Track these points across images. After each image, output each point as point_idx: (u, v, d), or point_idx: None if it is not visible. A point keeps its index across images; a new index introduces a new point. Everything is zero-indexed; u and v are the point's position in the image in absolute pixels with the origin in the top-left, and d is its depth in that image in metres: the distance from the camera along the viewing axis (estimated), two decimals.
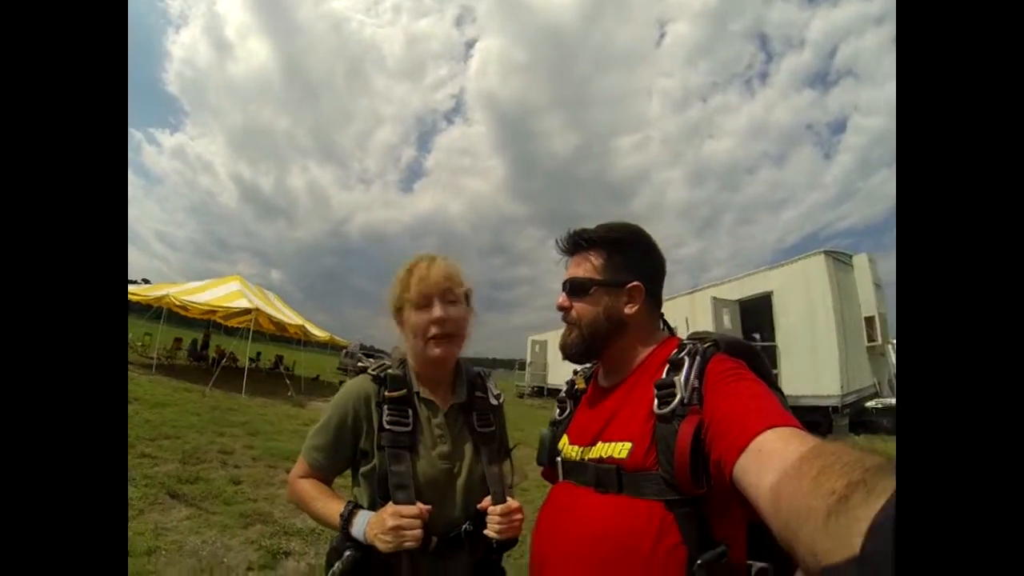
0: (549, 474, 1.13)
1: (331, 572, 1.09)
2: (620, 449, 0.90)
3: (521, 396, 25.13)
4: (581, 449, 1.00)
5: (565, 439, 1.09)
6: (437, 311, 1.19)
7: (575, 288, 1.07)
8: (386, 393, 1.19)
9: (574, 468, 1.00)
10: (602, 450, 0.94)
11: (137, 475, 4.35)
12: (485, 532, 1.13)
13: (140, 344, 16.82)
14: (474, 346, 1.34)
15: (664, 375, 0.89)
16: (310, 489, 1.21)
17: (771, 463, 0.62)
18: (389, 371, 1.24)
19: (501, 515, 1.13)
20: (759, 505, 0.62)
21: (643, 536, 0.81)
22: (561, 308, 1.09)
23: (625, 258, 1.06)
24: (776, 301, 11.99)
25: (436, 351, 1.20)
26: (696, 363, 0.87)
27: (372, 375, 1.24)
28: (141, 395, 8.62)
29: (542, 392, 24.70)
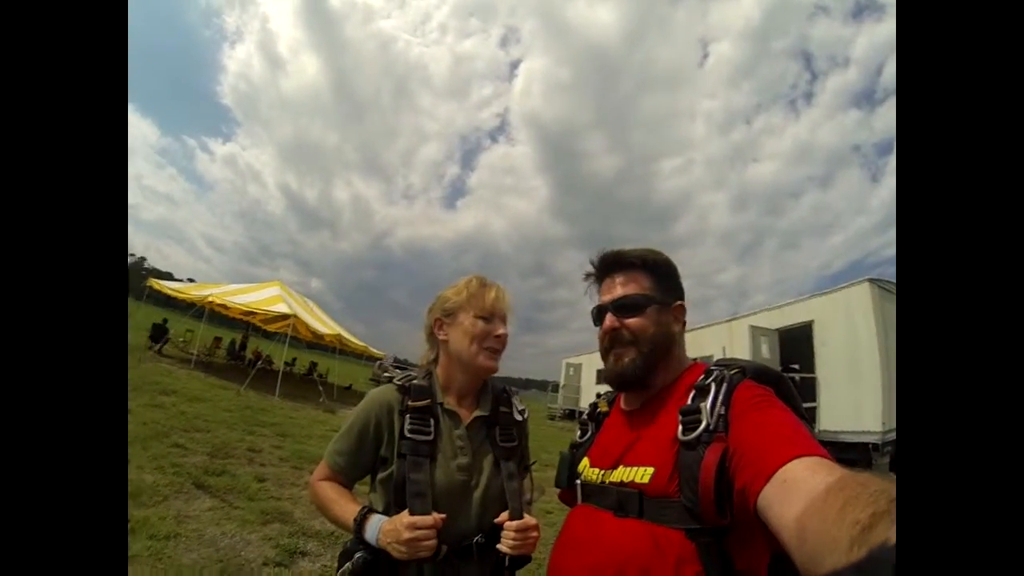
0: (567, 496, 1.13)
1: (341, 572, 1.09)
2: (642, 474, 0.88)
3: (552, 418, 24.92)
4: (602, 472, 0.99)
5: (586, 461, 1.07)
6: (502, 328, 1.27)
7: (629, 306, 1.04)
8: (409, 402, 1.20)
9: (595, 491, 0.99)
10: (624, 474, 0.92)
11: (166, 464, 4.47)
12: (498, 547, 1.12)
13: (181, 340, 17.44)
14: (510, 365, 1.39)
15: (689, 401, 0.88)
16: (329, 491, 1.22)
17: (797, 494, 0.60)
18: (414, 381, 1.25)
19: (517, 531, 1.12)
20: (783, 537, 0.60)
21: (663, 564, 0.79)
22: (610, 330, 1.05)
23: (668, 280, 1.07)
24: (817, 331, 11.56)
25: (489, 362, 1.25)
26: (723, 390, 0.85)
27: (397, 385, 1.26)
28: (179, 388, 8.92)
29: (573, 415, 24.35)
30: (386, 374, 1.32)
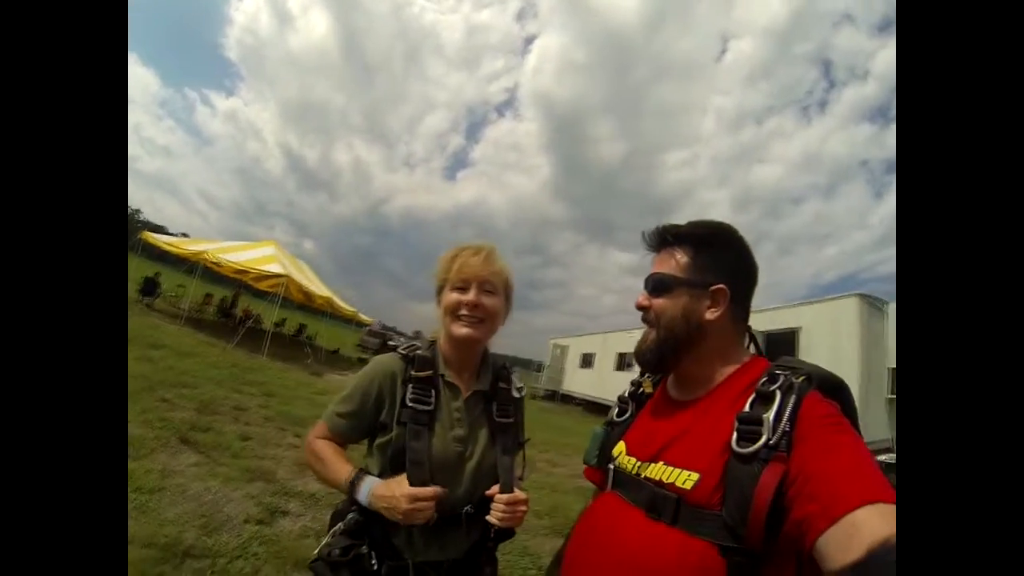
0: (594, 475, 1.09)
1: (332, 531, 1.16)
2: (685, 479, 0.81)
3: (533, 397, 25.12)
4: (638, 463, 0.93)
5: (621, 446, 1.02)
6: (471, 295, 1.24)
7: (657, 285, 0.99)
8: (413, 372, 1.23)
9: (627, 482, 0.94)
10: (663, 472, 0.86)
11: (153, 417, 4.55)
12: (487, 518, 1.16)
13: (172, 295, 17.39)
14: (495, 341, 1.37)
15: (749, 407, 0.80)
16: (326, 450, 1.25)
17: (861, 542, 0.56)
18: (418, 352, 1.28)
19: (506, 504, 1.16)
20: None
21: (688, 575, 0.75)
22: (640, 307, 1.02)
23: (712, 258, 0.98)
24: (803, 339, 11.72)
25: (462, 330, 1.24)
26: (790, 403, 0.76)
27: (402, 354, 1.28)
28: (169, 343, 8.96)
29: (555, 396, 24.70)
30: (391, 342, 1.36)
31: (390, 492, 1.10)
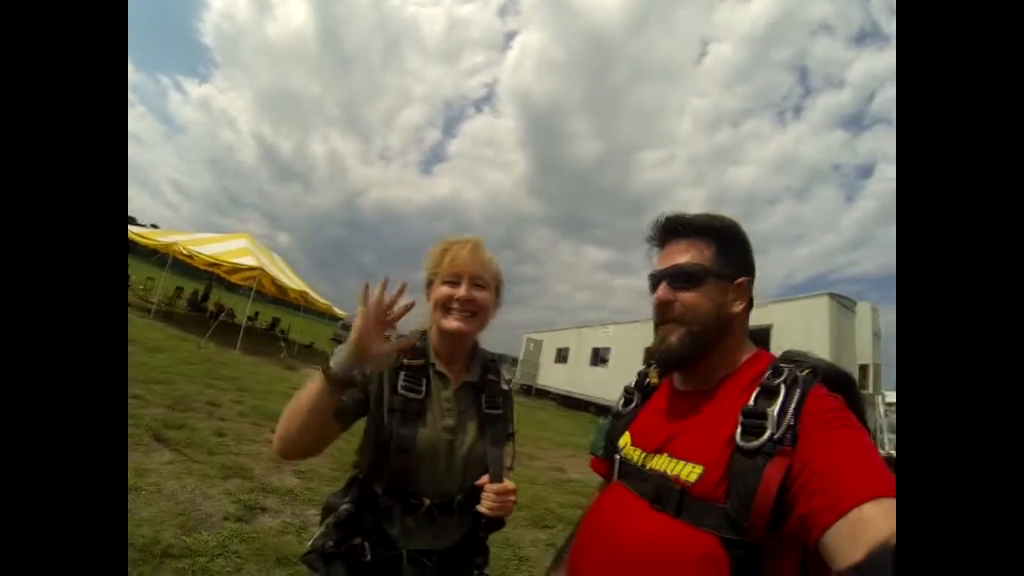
0: (600, 466, 1.11)
1: (325, 523, 1.16)
2: (690, 472, 0.82)
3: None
4: (643, 454, 0.94)
5: (627, 437, 1.02)
6: (463, 290, 1.24)
7: (683, 277, 0.94)
8: (405, 360, 1.23)
9: (633, 473, 0.94)
10: (668, 465, 0.86)
11: None
12: (477, 508, 1.17)
13: (142, 288, 16.95)
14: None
15: (753, 401, 0.80)
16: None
17: (867, 537, 0.56)
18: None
19: (496, 493, 1.17)
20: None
21: (692, 569, 0.75)
22: (662, 302, 0.96)
23: (733, 251, 0.96)
24: (774, 335, 11.99)
25: (453, 324, 1.24)
26: (795, 397, 0.76)
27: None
28: (137, 338, 8.74)
29: (530, 391, 24.77)
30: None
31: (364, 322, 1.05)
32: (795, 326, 11.56)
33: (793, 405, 0.75)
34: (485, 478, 1.21)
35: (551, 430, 10.87)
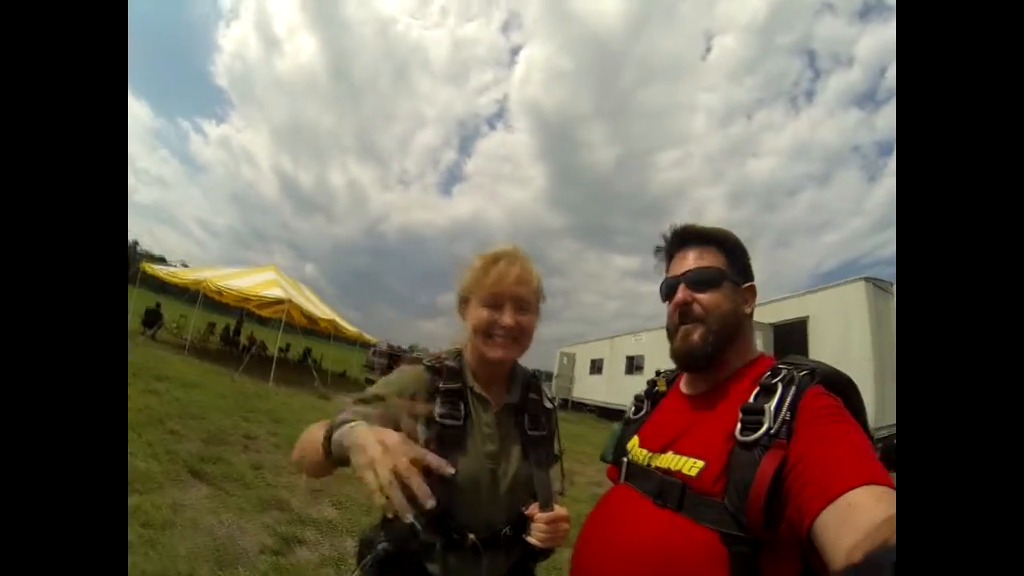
0: (613, 472, 1.11)
1: (362, 564, 1.04)
2: (691, 466, 0.85)
3: None
4: (649, 455, 0.97)
5: (635, 440, 1.06)
6: (507, 318, 1.12)
7: (702, 279, 0.99)
8: (441, 384, 1.13)
9: (638, 473, 0.97)
10: (671, 461, 0.89)
11: (161, 451, 4.44)
12: (527, 538, 1.07)
13: (175, 326, 17.36)
14: None
15: (752, 399, 0.83)
16: (311, 428, 1.02)
17: (856, 522, 0.57)
18: (446, 362, 1.18)
19: (547, 523, 1.07)
20: (833, 564, 0.58)
21: (690, 564, 0.77)
22: (682, 304, 0.99)
23: (739, 259, 1.03)
24: (812, 327, 11.63)
25: (497, 352, 1.13)
26: (791, 393, 0.79)
27: (427, 365, 1.17)
28: (172, 374, 8.88)
29: (566, 404, 24.44)
30: (415, 354, 1.24)
31: (386, 438, 0.77)
32: (832, 315, 11.21)
33: (789, 401, 0.78)
34: (534, 507, 1.10)
35: (589, 444, 10.67)
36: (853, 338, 10.42)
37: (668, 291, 1.05)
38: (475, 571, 1.06)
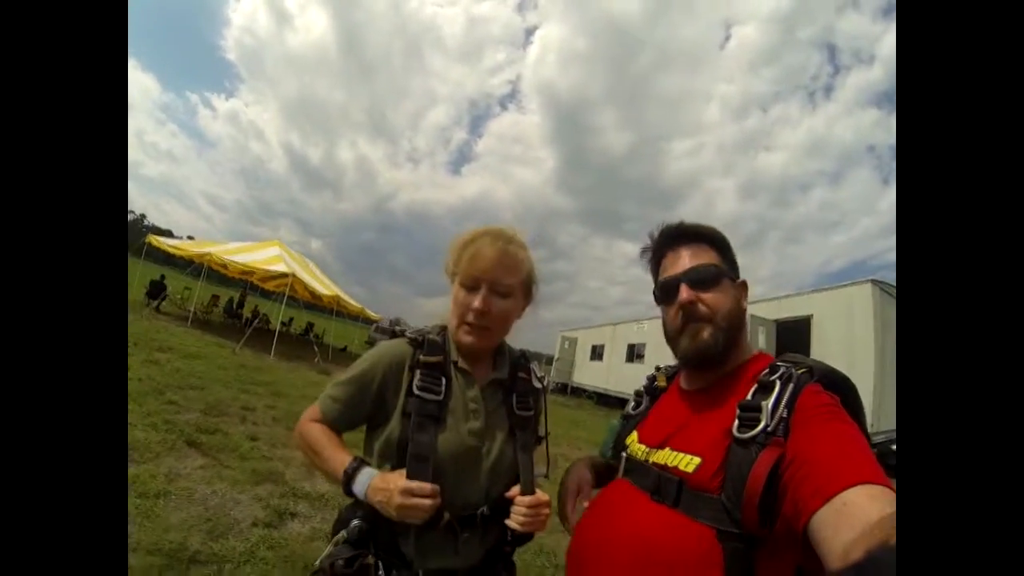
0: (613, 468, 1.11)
1: (335, 540, 1.03)
2: (688, 462, 0.85)
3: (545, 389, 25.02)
4: (648, 450, 0.97)
5: (634, 436, 1.05)
6: (478, 301, 1.08)
7: (703, 278, 0.97)
8: (421, 357, 1.11)
9: (636, 468, 0.97)
10: (669, 457, 0.89)
11: (159, 420, 4.47)
12: (507, 522, 1.05)
13: (179, 297, 17.45)
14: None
15: (750, 396, 0.83)
16: (320, 436, 1.11)
17: (852, 520, 0.57)
18: (428, 336, 1.15)
19: (528, 507, 1.04)
20: (829, 563, 0.58)
21: (685, 560, 0.76)
22: (687, 304, 0.96)
23: (729, 256, 1.04)
24: (815, 326, 11.57)
25: (467, 339, 1.12)
26: (788, 391, 0.79)
27: (409, 338, 1.15)
28: (175, 345, 8.95)
29: (565, 389, 24.52)
30: (397, 327, 1.22)
31: (386, 484, 0.97)
32: (837, 315, 11.12)
33: (786, 398, 0.78)
34: (515, 489, 1.08)
35: (587, 429, 10.71)
36: (856, 340, 10.36)
37: (667, 292, 1.01)
38: (449, 550, 1.04)
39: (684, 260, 1.00)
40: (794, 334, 11.90)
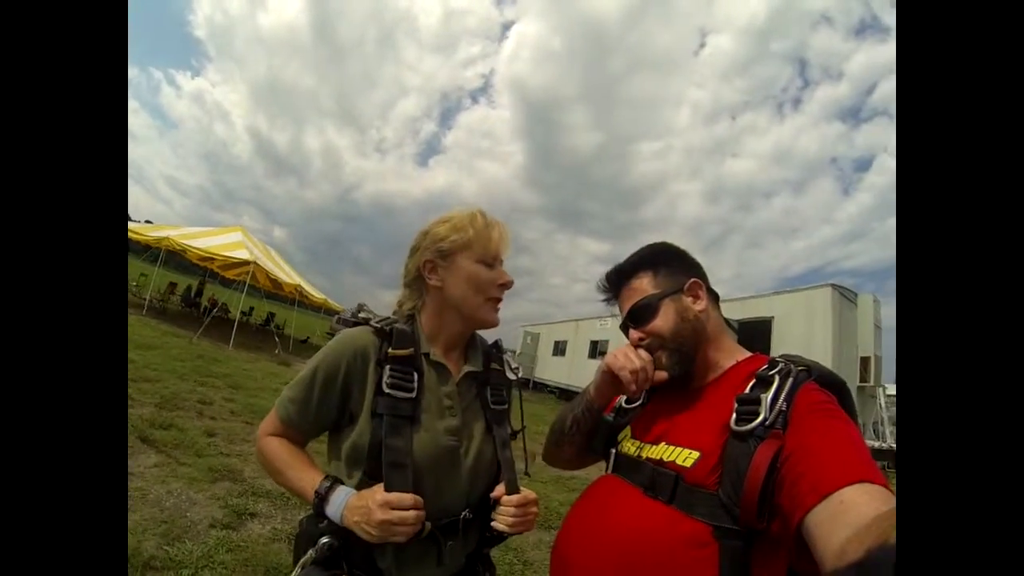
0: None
1: (302, 562, 0.92)
2: (686, 456, 0.84)
3: None
4: (640, 445, 0.96)
5: (627, 431, 1.05)
6: (507, 275, 1.10)
7: (641, 314, 1.02)
8: (389, 350, 1.00)
9: (628, 464, 0.96)
10: (664, 452, 0.88)
11: None
12: (493, 524, 0.99)
13: (134, 284, 16.77)
14: None
15: (748, 390, 0.83)
16: (283, 453, 1.01)
17: (848, 518, 0.57)
18: (396, 325, 1.05)
19: (517, 507, 0.99)
20: (823, 561, 0.58)
21: (680, 557, 0.75)
22: (638, 342, 1.02)
23: (668, 266, 1.05)
24: (776, 328, 11.91)
25: (493, 316, 1.10)
26: (787, 385, 0.80)
27: (375, 327, 1.04)
28: (129, 335, 8.54)
29: (528, 384, 24.52)
30: (362, 314, 1.11)
31: (363, 502, 0.89)
32: (797, 317, 11.48)
33: (785, 392, 0.79)
34: (500, 489, 1.02)
35: (549, 424, 10.78)
36: (815, 341, 10.73)
37: (626, 333, 1.07)
38: (431, 561, 0.97)
39: (624, 303, 1.07)
40: (756, 334, 12.23)
